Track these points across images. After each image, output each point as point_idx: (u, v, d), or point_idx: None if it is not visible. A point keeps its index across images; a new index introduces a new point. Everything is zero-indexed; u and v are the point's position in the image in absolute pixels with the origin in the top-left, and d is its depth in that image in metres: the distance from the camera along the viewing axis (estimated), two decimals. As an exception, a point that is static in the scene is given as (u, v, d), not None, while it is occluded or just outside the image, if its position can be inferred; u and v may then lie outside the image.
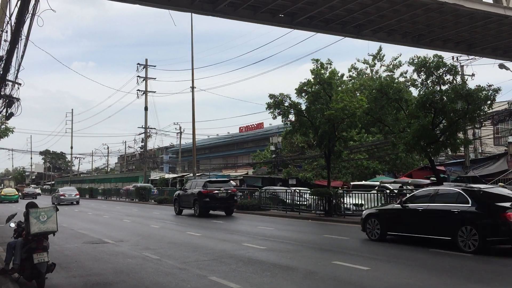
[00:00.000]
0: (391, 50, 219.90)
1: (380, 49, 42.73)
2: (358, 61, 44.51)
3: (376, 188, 21.04)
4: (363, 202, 19.97)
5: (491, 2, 14.79)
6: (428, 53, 17.82)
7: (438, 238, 11.26)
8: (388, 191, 19.63)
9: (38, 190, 66.58)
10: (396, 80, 33.76)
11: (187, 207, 23.86)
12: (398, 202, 13.27)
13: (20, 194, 50.57)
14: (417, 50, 27.76)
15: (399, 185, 22.09)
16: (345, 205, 20.52)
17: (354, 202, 20.40)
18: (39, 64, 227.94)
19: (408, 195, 14.01)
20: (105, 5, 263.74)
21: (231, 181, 27.20)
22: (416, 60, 17.10)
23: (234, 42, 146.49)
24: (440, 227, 11.21)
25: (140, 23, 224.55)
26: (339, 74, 40.93)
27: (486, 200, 10.80)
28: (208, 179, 25.41)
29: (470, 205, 10.68)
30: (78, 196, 40.04)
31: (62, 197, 37.93)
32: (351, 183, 28.39)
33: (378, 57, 43.05)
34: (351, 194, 21.42)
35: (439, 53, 17.75)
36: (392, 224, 12.64)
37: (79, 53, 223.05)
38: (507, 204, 10.28)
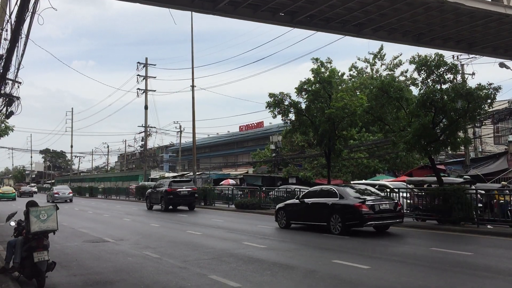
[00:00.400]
0: (391, 49, 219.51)
1: (381, 48, 42.77)
2: (359, 59, 44.55)
3: (376, 187, 21.04)
4: None
5: (492, 0, 14.78)
6: (429, 52, 17.80)
7: (320, 224, 14.74)
8: (388, 189, 19.60)
9: (34, 189, 69.97)
10: (397, 79, 33.77)
11: (155, 203, 26.84)
12: (296, 197, 17.37)
13: (17, 192, 52.75)
14: (417, 49, 27.78)
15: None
16: None
17: None
18: (39, 62, 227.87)
19: (303, 193, 17.33)
20: (105, 4, 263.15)
21: (192, 181, 30.18)
22: (417, 59, 17.07)
23: (234, 41, 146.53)
24: (320, 215, 14.75)
25: (140, 22, 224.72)
26: (340, 73, 40.99)
27: (347, 195, 14.31)
28: (172, 179, 28.76)
29: (338, 198, 14.35)
30: (71, 195, 42.75)
31: (56, 195, 40.46)
32: (351, 182, 28.37)
33: (379, 56, 43.04)
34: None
35: (440, 51, 17.73)
36: (293, 215, 16.11)
37: (79, 52, 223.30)
38: (361, 198, 13.99)
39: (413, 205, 17.69)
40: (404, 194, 19.17)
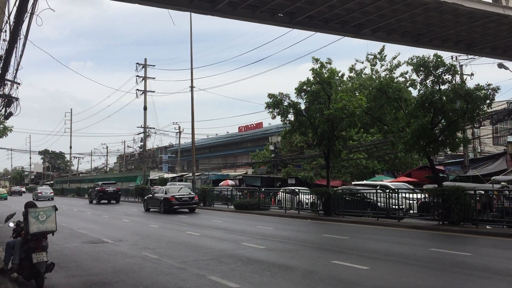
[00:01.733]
0: (390, 50, 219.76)
1: (382, 49, 42.76)
2: (358, 61, 44.51)
3: (378, 187, 21.07)
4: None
5: (490, 1, 14.79)
6: (427, 53, 17.82)
7: (157, 208, 26.63)
8: (388, 190, 19.63)
9: (23, 189, 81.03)
10: (396, 80, 33.77)
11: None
12: (151, 194, 29.42)
13: (7, 192, 61.50)
14: (416, 50, 27.80)
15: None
16: None
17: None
18: (37, 63, 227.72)
19: (155, 189, 30.14)
20: (103, 4, 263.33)
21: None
22: (416, 60, 17.08)
23: (233, 42, 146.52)
24: (158, 203, 26.58)
25: (139, 23, 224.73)
26: (340, 74, 40.97)
27: (169, 193, 26.35)
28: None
29: (164, 194, 26.41)
30: (52, 194, 51.70)
31: (40, 194, 49.11)
32: (352, 183, 28.38)
33: (380, 57, 43.01)
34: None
35: (438, 52, 17.74)
36: (150, 204, 28.04)
37: (77, 53, 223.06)
38: (174, 194, 25.75)
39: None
40: (406, 195, 19.24)
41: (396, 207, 18.23)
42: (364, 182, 27.14)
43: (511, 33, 17.05)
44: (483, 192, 16.06)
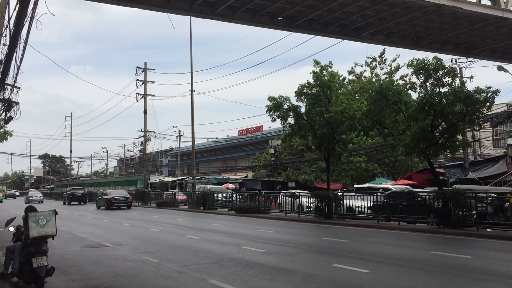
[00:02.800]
0: (389, 53, 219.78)
1: (383, 52, 42.79)
2: (356, 65, 44.56)
3: (380, 190, 21.04)
4: None
5: (489, 4, 14.82)
6: (427, 55, 17.86)
7: (103, 207, 35.40)
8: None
9: (17, 193, 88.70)
10: (396, 83, 33.77)
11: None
12: (102, 195, 38.65)
13: (2, 195, 67.10)
14: (415, 52, 27.85)
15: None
16: (359, 208, 20.44)
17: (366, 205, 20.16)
18: (37, 68, 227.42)
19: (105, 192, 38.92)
20: (103, 9, 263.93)
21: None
22: (415, 62, 17.10)
23: (233, 45, 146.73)
24: (104, 203, 35.45)
25: (138, 27, 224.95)
26: (341, 78, 40.97)
27: (110, 194, 36.32)
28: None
29: (108, 196, 35.49)
30: (41, 197, 58.06)
31: (31, 197, 54.34)
32: (355, 186, 28.37)
33: (380, 60, 43.05)
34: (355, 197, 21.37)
35: (438, 55, 17.79)
36: (100, 203, 36.38)
37: (76, 57, 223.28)
38: (113, 195, 35.88)
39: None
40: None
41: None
42: (366, 185, 27.10)
43: (510, 36, 17.08)
44: (495, 195, 15.85)
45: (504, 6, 14.74)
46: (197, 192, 33.42)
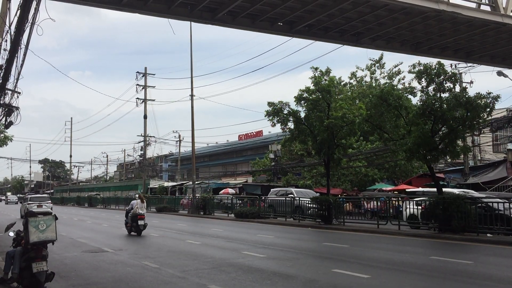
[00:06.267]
0: (389, 58, 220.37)
1: (381, 57, 42.91)
2: (358, 69, 44.64)
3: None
4: None
5: (489, 10, 14.88)
6: (430, 61, 17.84)
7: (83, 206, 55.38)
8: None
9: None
10: (395, 87, 33.81)
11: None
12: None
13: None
14: (415, 59, 27.92)
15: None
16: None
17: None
18: (35, 73, 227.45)
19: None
20: (101, 15, 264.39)
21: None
22: (418, 67, 17.10)
23: (233, 50, 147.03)
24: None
25: (138, 32, 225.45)
26: (342, 84, 41.07)
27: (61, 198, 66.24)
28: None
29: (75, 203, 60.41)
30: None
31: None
32: (361, 193, 28.35)
33: (378, 65, 43.16)
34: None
35: (438, 60, 17.81)
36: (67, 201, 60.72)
37: (75, 62, 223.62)
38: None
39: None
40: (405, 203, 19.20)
41: None
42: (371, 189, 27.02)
43: (509, 41, 17.14)
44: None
45: (503, 11, 14.80)
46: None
